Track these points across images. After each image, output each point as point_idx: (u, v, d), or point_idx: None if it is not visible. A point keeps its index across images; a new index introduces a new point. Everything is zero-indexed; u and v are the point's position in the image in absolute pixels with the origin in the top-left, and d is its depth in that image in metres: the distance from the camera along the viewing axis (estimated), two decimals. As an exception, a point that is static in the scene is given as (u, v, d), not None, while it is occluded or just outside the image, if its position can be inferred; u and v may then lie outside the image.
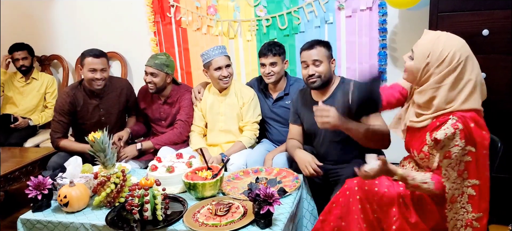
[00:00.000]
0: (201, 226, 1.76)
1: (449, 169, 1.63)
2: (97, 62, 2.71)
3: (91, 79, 2.72)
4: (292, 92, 2.69)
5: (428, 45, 1.66)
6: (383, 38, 2.98)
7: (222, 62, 2.66)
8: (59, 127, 2.78)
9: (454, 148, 1.60)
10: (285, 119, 2.71)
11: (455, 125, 1.59)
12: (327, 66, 2.24)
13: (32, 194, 1.97)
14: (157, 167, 2.20)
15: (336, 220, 1.83)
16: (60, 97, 2.80)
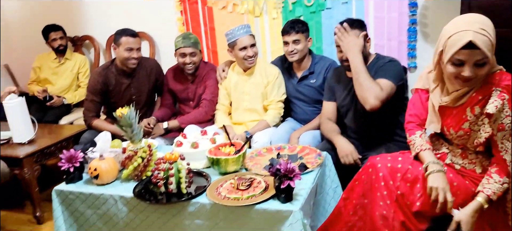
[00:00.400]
0: (223, 199, 1.81)
1: (505, 141, 1.60)
2: (134, 41, 2.80)
3: (127, 59, 2.80)
4: (317, 71, 2.67)
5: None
6: (413, 14, 2.89)
7: (247, 42, 2.66)
8: (91, 106, 2.88)
9: (506, 119, 1.57)
10: (310, 97, 2.70)
11: (501, 96, 1.56)
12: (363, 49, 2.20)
13: (64, 166, 2.07)
14: (182, 143, 2.25)
15: (359, 198, 1.83)
16: (93, 77, 2.90)
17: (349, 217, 1.87)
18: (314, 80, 2.68)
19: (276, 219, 1.74)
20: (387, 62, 2.22)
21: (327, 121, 2.43)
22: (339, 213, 1.91)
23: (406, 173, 1.73)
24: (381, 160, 1.79)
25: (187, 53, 2.79)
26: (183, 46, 2.78)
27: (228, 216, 1.82)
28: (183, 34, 2.88)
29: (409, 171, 1.74)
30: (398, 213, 1.71)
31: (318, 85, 2.68)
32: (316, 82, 2.68)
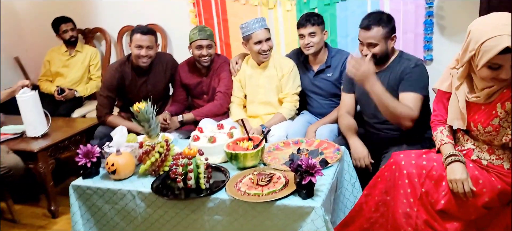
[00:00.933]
0: (243, 195, 1.79)
1: None
2: (144, 39, 2.74)
3: (137, 56, 2.77)
4: (334, 65, 2.64)
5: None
6: (430, 6, 2.84)
7: (262, 36, 2.63)
8: (106, 102, 2.86)
9: None
10: (327, 91, 2.67)
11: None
12: (384, 46, 2.16)
13: (82, 161, 2.06)
14: (199, 137, 2.24)
15: (381, 195, 1.81)
16: (109, 72, 2.87)
17: (370, 213, 1.85)
18: (331, 74, 2.64)
19: (297, 215, 1.72)
20: (413, 68, 2.15)
21: (345, 115, 2.39)
22: (360, 209, 1.89)
23: (431, 171, 1.71)
24: (405, 157, 1.76)
25: (204, 45, 2.76)
26: (200, 39, 2.75)
27: (248, 212, 1.80)
28: (199, 26, 2.85)
29: (434, 168, 1.71)
30: (422, 212, 1.69)
31: (335, 79, 2.65)
32: (333, 76, 2.64)
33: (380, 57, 2.17)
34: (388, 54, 2.19)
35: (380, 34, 2.13)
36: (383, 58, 2.19)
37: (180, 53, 3.33)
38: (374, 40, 2.13)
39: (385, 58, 2.19)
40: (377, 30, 2.13)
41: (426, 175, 1.70)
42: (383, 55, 2.17)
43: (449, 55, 2.86)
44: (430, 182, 1.70)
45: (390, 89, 2.15)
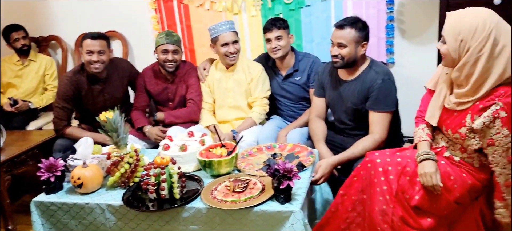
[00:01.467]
0: (220, 203, 1.75)
1: (496, 156, 1.63)
2: (95, 44, 2.63)
3: (89, 62, 2.65)
4: (302, 68, 2.66)
5: (456, 24, 1.63)
6: (390, 11, 2.94)
7: (229, 38, 2.62)
8: (63, 113, 2.72)
9: (496, 136, 1.59)
10: (296, 95, 2.69)
11: (496, 113, 1.57)
12: (353, 49, 2.17)
13: (44, 176, 1.93)
14: (169, 146, 2.16)
15: (357, 193, 1.83)
16: (63, 82, 2.73)
17: (347, 213, 1.86)
18: (299, 77, 2.66)
19: (276, 220, 1.70)
20: (380, 86, 2.15)
21: (315, 119, 2.41)
22: (336, 209, 1.90)
23: (406, 167, 1.75)
24: (380, 155, 1.80)
25: (170, 50, 2.70)
26: (166, 43, 2.69)
27: (225, 220, 1.76)
28: (167, 31, 2.79)
29: (408, 164, 1.75)
30: (398, 208, 1.72)
31: (303, 82, 2.67)
32: (301, 79, 2.66)
33: (348, 60, 2.19)
34: (356, 60, 2.21)
35: (351, 36, 2.15)
36: (351, 63, 2.21)
37: (142, 61, 3.24)
38: (344, 40, 2.16)
39: (353, 64, 2.22)
40: (349, 31, 2.16)
41: (400, 172, 1.74)
42: (351, 60, 2.19)
43: (410, 57, 3.00)
44: (405, 178, 1.74)
45: (359, 99, 2.21)
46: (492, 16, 1.61)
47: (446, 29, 1.66)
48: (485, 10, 1.63)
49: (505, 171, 1.62)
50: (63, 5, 3.61)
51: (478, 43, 1.58)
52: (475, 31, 1.58)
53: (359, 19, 2.21)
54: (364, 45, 2.20)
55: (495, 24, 1.58)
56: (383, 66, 2.29)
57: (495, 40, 1.57)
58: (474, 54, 1.59)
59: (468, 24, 1.59)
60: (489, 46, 1.57)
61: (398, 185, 1.73)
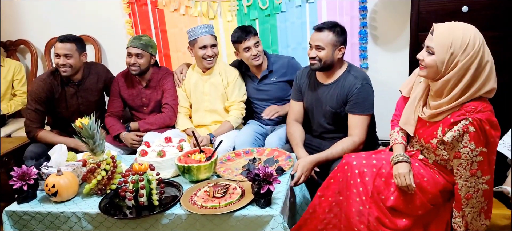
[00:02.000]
0: (200, 209, 1.74)
1: (460, 168, 1.69)
2: (61, 47, 2.60)
3: (56, 65, 2.62)
4: (276, 69, 2.71)
5: (448, 36, 1.65)
6: (363, 17, 3.01)
7: (207, 41, 2.62)
8: (35, 116, 2.65)
9: (463, 149, 1.65)
10: (273, 95, 2.74)
11: (466, 127, 1.63)
12: (330, 52, 2.21)
13: (17, 185, 1.87)
14: (147, 152, 2.14)
15: (334, 195, 1.86)
16: (36, 84, 2.66)
17: (324, 214, 1.90)
18: (274, 78, 2.71)
19: (257, 224, 1.72)
20: (359, 90, 2.21)
21: (293, 122, 2.44)
22: (314, 211, 1.93)
23: (381, 169, 1.80)
24: (356, 158, 1.84)
25: (133, 53, 2.66)
26: (130, 46, 2.67)
27: (205, 225, 1.76)
28: (137, 35, 2.77)
29: (384, 166, 1.80)
30: (373, 209, 1.77)
31: (278, 82, 2.71)
32: (276, 79, 2.71)
33: (325, 63, 2.23)
34: (334, 63, 2.26)
35: (329, 39, 2.20)
36: (328, 66, 2.26)
37: (116, 66, 3.19)
38: (322, 43, 2.20)
39: (330, 67, 2.26)
40: (327, 34, 2.21)
41: (376, 173, 1.79)
42: (328, 62, 2.24)
43: (382, 63, 3.09)
44: (380, 179, 1.79)
45: (337, 103, 2.26)
46: (479, 33, 1.67)
47: (436, 41, 1.67)
48: (473, 27, 1.68)
49: (467, 184, 1.70)
50: (33, 8, 3.50)
51: (468, 59, 1.62)
52: (466, 46, 1.62)
53: (338, 24, 2.27)
54: (341, 49, 2.25)
55: (482, 41, 1.65)
56: (362, 71, 2.35)
57: (482, 57, 1.63)
58: (462, 70, 1.63)
59: (459, 38, 1.63)
60: (476, 62, 1.62)
61: (373, 186, 1.78)
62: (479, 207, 1.73)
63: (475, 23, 2.37)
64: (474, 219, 1.75)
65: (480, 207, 1.73)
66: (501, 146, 2.04)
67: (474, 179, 1.68)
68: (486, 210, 1.75)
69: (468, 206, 1.73)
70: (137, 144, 2.60)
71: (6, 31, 3.55)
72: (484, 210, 1.75)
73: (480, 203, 1.72)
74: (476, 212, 1.74)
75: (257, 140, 2.62)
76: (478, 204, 1.72)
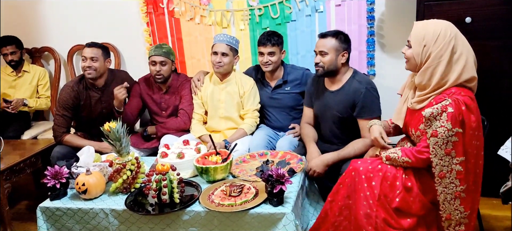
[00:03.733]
0: (218, 206, 1.89)
1: (436, 147, 1.81)
2: (88, 51, 2.81)
3: (83, 68, 2.82)
4: (290, 79, 2.83)
5: (421, 30, 1.89)
6: (371, 26, 3.14)
7: (218, 49, 2.78)
8: (63, 121, 2.84)
9: (440, 129, 1.78)
10: (285, 105, 2.86)
11: (445, 107, 1.77)
12: (333, 58, 2.36)
13: (50, 183, 2.05)
14: (167, 153, 2.30)
15: (344, 199, 1.99)
16: (65, 91, 2.86)
17: (335, 217, 2.02)
18: (288, 88, 2.84)
19: (270, 222, 1.86)
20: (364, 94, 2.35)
21: (306, 125, 2.61)
22: (326, 215, 2.06)
23: (386, 173, 1.92)
24: (362, 164, 1.97)
25: (157, 61, 2.83)
26: (154, 55, 2.84)
27: (223, 222, 1.91)
28: (158, 44, 2.94)
29: (388, 170, 1.93)
30: (380, 211, 1.89)
31: (292, 92, 2.84)
32: (290, 90, 2.84)
33: (328, 68, 2.38)
34: (337, 69, 2.40)
35: (331, 44, 2.36)
36: (333, 72, 2.40)
37: (134, 72, 3.35)
38: (325, 48, 2.36)
39: (334, 72, 2.41)
40: (330, 40, 2.37)
41: (382, 177, 1.92)
42: (332, 68, 2.38)
43: (389, 69, 3.21)
44: (386, 183, 1.91)
45: (344, 108, 2.40)
46: (452, 26, 1.88)
47: (412, 35, 1.92)
48: (446, 21, 1.90)
49: (441, 162, 1.82)
50: (57, 17, 3.70)
51: (439, 49, 1.83)
52: (437, 38, 1.84)
53: (341, 32, 2.43)
54: (344, 55, 2.39)
55: (455, 34, 1.85)
56: (365, 76, 2.49)
57: (454, 48, 1.83)
58: (435, 59, 1.84)
59: (431, 31, 1.85)
60: (448, 52, 1.82)
61: (380, 190, 1.90)
62: (453, 189, 1.83)
63: (478, 33, 2.52)
64: (447, 201, 1.85)
65: (455, 191, 1.83)
66: (503, 151, 2.14)
67: (448, 158, 1.80)
68: (464, 199, 1.84)
69: (441, 186, 1.85)
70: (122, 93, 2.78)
71: (32, 39, 3.75)
72: (460, 197, 1.83)
73: (455, 186, 1.82)
74: (449, 194, 1.84)
75: (270, 143, 2.76)
76: (452, 186, 1.82)
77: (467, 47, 1.87)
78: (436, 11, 2.59)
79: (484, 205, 2.58)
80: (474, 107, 1.82)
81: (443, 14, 2.58)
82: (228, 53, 2.79)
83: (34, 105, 3.52)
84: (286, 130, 2.87)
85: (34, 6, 3.72)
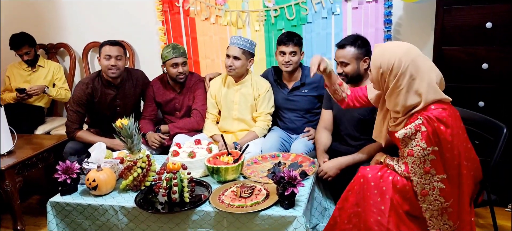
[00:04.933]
0: (228, 207, 1.87)
1: (414, 166, 1.79)
2: (113, 49, 2.80)
3: (107, 67, 2.80)
4: (308, 82, 2.79)
5: (378, 57, 1.83)
6: (388, 30, 3.08)
7: (231, 52, 2.77)
8: (76, 117, 2.85)
9: (416, 148, 1.76)
10: (301, 107, 2.82)
11: (418, 127, 1.74)
12: (355, 66, 2.33)
13: (61, 178, 2.04)
14: (178, 152, 2.28)
15: (353, 207, 1.95)
16: (79, 88, 2.86)
17: (344, 225, 1.98)
18: (306, 90, 2.80)
19: (280, 224, 1.82)
20: None
21: (322, 130, 2.56)
22: (334, 222, 2.02)
23: (396, 177, 1.88)
24: (371, 171, 1.93)
25: (179, 63, 2.83)
26: (175, 57, 2.82)
27: (232, 223, 1.88)
28: (171, 45, 2.91)
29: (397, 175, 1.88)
30: (393, 217, 1.84)
31: (308, 95, 2.80)
32: (307, 92, 2.80)
33: (351, 76, 2.34)
34: (360, 75, 2.36)
35: (351, 54, 2.31)
36: (356, 78, 2.36)
37: (148, 70, 3.36)
38: (345, 59, 2.32)
39: (357, 79, 2.37)
40: (349, 50, 2.32)
41: (392, 183, 1.87)
42: (355, 75, 2.34)
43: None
44: (396, 188, 1.86)
45: (366, 110, 2.35)
46: (409, 54, 1.77)
47: (372, 61, 1.88)
48: (403, 47, 1.81)
49: (422, 181, 1.78)
50: (73, 14, 3.73)
51: (396, 80, 1.78)
52: (392, 68, 1.78)
53: (358, 37, 2.37)
54: (366, 60, 2.34)
55: (411, 61, 1.75)
56: None
57: (411, 76, 1.75)
58: (395, 89, 1.79)
59: (386, 60, 1.79)
60: (406, 82, 1.76)
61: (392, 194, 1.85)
62: (438, 206, 1.79)
63: (498, 39, 2.46)
64: (434, 217, 1.82)
65: (441, 207, 1.79)
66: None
67: (429, 176, 1.77)
68: (451, 213, 1.80)
69: (425, 203, 1.81)
70: (156, 144, 2.77)
71: (48, 35, 3.79)
72: (447, 212, 1.80)
73: (440, 202, 1.78)
74: (435, 210, 1.80)
75: (282, 146, 2.72)
76: (437, 202, 1.78)
77: (428, 70, 1.78)
78: (456, 16, 2.54)
79: (501, 216, 2.50)
80: (447, 120, 1.74)
81: (463, 18, 2.53)
82: (240, 57, 2.76)
83: (54, 94, 3.54)
84: (299, 132, 2.83)
85: (51, 3, 3.75)
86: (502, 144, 1.95)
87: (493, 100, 2.55)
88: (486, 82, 2.54)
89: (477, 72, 2.54)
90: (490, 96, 2.56)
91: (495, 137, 1.99)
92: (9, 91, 3.56)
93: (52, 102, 3.74)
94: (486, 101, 2.56)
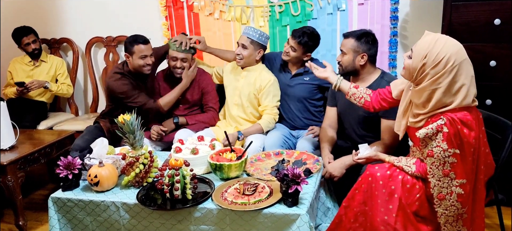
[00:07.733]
0: (231, 205, 1.84)
1: (433, 167, 1.74)
2: (147, 48, 2.80)
3: (142, 66, 2.79)
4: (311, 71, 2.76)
5: (426, 47, 1.70)
6: (394, 26, 3.05)
7: (239, 40, 2.81)
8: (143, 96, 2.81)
9: (436, 148, 1.70)
10: (299, 95, 2.81)
11: (440, 127, 1.67)
12: (351, 58, 2.30)
13: (63, 173, 2.02)
14: (181, 149, 2.26)
15: (359, 206, 1.92)
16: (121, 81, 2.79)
17: (350, 224, 1.95)
18: (307, 78, 2.78)
19: (284, 222, 1.79)
20: None
21: (327, 128, 2.52)
22: (340, 221, 1.98)
23: (405, 177, 1.85)
24: (380, 169, 1.89)
25: (179, 58, 2.83)
26: (177, 51, 2.82)
27: (235, 221, 1.85)
28: (180, 36, 2.91)
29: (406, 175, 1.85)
30: (401, 216, 1.81)
31: (309, 83, 2.79)
32: (309, 80, 2.78)
33: (346, 67, 2.33)
34: (355, 69, 2.33)
35: (350, 45, 2.30)
36: (351, 72, 2.35)
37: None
38: (345, 48, 2.32)
39: (353, 73, 2.35)
40: (349, 41, 2.30)
41: (402, 181, 1.84)
42: (350, 68, 2.32)
43: (412, 72, 3.10)
44: (405, 187, 1.83)
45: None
46: (460, 54, 1.68)
47: (416, 47, 1.74)
48: (456, 45, 1.71)
49: (440, 183, 1.73)
50: (76, 9, 3.72)
51: (438, 75, 1.68)
52: (438, 64, 1.67)
53: (366, 33, 2.33)
54: (363, 56, 2.30)
55: (459, 63, 1.67)
56: (395, 77, 2.40)
57: (454, 77, 1.67)
58: (433, 84, 1.69)
59: (435, 52, 1.67)
60: (447, 82, 1.67)
61: (400, 194, 1.82)
62: (455, 212, 1.74)
63: (507, 36, 2.42)
64: (449, 223, 1.77)
65: (457, 213, 1.75)
66: None
67: (447, 180, 1.72)
68: (466, 219, 1.76)
69: (441, 207, 1.76)
70: (155, 137, 2.78)
71: (51, 30, 3.78)
72: (462, 218, 1.76)
73: (456, 208, 1.74)
74: (451, 216, 1.76)
75: (285, 143, 2.70)
76: (453, 208, 1.74)
77: (470, 77, 1.70)
78: (463, 12, 2.50)
79: (507, 216, 2.46)
80: (471, 123, 1.69)
81: (471, 15, 2.49)
82: (248, 46, 2.77)
83: (55, 90, 3.53)
84: (299, 125, 2.83)
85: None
86: (510, 142, 1.91)
87: (500, 98, 2.51)
88: (493, 80, 2.50)
89: (485, 69, 2.50)
90: (497, 94, 2.51)
91: (502, 135, 1.96)
92: (12, 86, 3.55)
93: (55, 97, 3.73)
94: (494, 99, 2.52)
